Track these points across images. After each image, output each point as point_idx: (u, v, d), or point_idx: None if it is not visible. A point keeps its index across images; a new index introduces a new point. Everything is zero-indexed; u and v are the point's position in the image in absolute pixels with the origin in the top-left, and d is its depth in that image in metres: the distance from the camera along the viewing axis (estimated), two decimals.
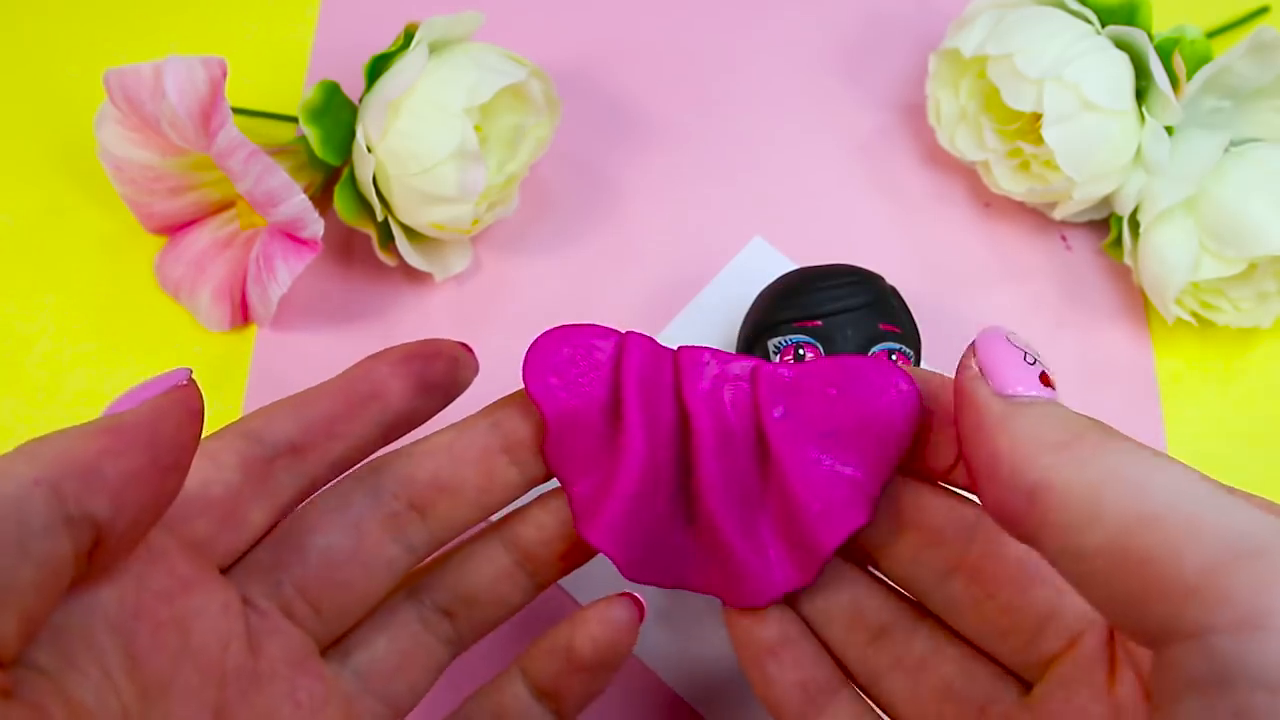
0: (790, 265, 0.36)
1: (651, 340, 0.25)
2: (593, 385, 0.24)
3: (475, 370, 0.26)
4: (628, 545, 0.24)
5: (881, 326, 0.31)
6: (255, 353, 0.35)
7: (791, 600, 0.24)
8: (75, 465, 0.18)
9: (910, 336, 0.32)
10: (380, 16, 0.40)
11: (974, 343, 0.21)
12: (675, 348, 0.25)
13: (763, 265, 0.36)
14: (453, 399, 0.26)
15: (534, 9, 0.41)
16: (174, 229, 0.36)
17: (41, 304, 0.36)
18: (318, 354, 0.35)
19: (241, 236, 0.35)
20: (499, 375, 0.28)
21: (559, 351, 0.25)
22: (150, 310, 0.36)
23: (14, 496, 0.17)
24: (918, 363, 0.32)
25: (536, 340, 0.25)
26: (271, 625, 0.22)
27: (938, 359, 0.35)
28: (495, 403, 0.26)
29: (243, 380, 0.35)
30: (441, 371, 0.25)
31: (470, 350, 0.26)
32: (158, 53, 0.35)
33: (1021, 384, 0.20)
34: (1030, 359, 0.21)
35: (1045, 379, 0.21)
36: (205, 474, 0.22)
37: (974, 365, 0.21)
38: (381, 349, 0.25)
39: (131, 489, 0.18)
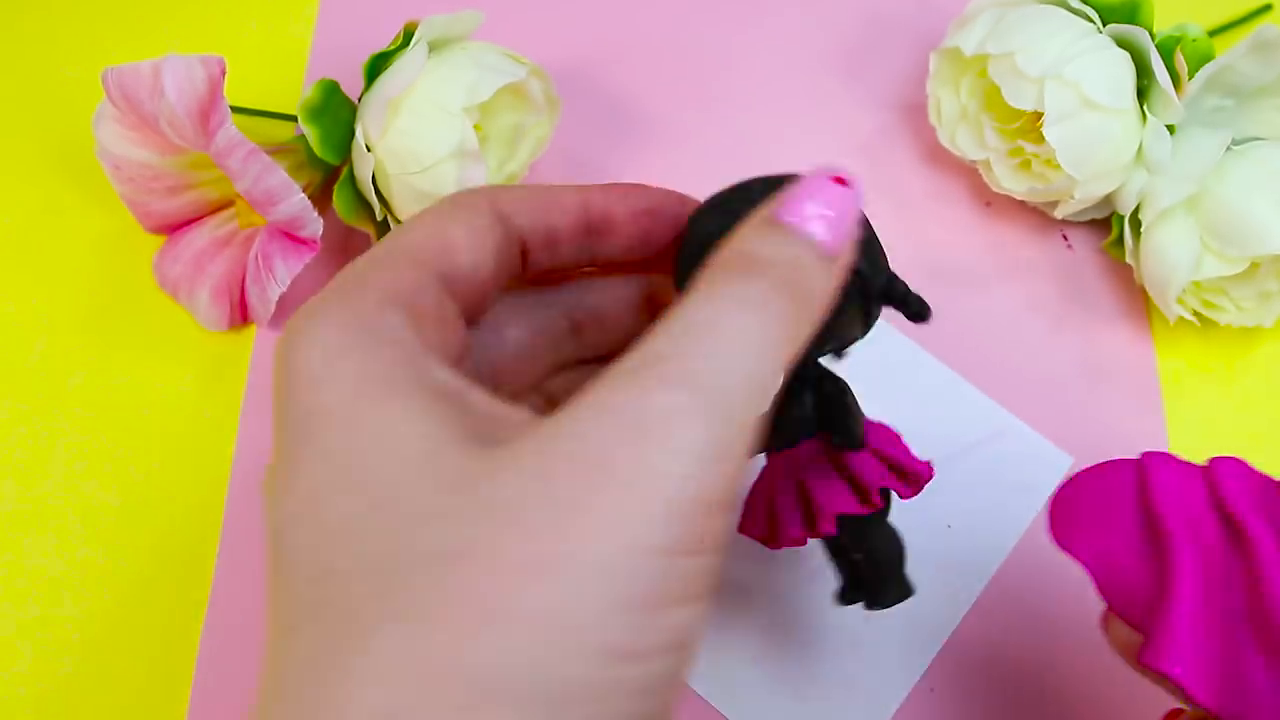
0: None
1: (1170, 457, 0.23)
2: (1122, 518, 0.23)
3: None
4: (1203, 670, 0.21)
5: None
6: (254, 352, 0.35)
7: None
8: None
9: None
10: (379, 15, 0.40)
11: None
12: (1205, 462, 0.23)
13: None
14: (653, 268, 0.25)
15: (534, 8, 0.41)
16: (173, 228, 0.35)
17: (40, 303, 0.36)
18: None
19: (240, 236, 0.35)
20: None
21: (1079, 498, 0.24)
22: (149, 309, 0.36)
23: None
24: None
25: (1057, 494, 0.24)
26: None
27: (942, 359, 0.35)
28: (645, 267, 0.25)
29: (242, 380, 0.35)
30: (665, 238, 0.25)
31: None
32: (157, 51, 0.35)
33: None
34: None
35: None
36: (474, 256, 0.22)
37: None
38: (632, 183, 0.25)
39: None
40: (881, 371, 0.29)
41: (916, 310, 0.24)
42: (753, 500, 0.26)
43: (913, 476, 0.25)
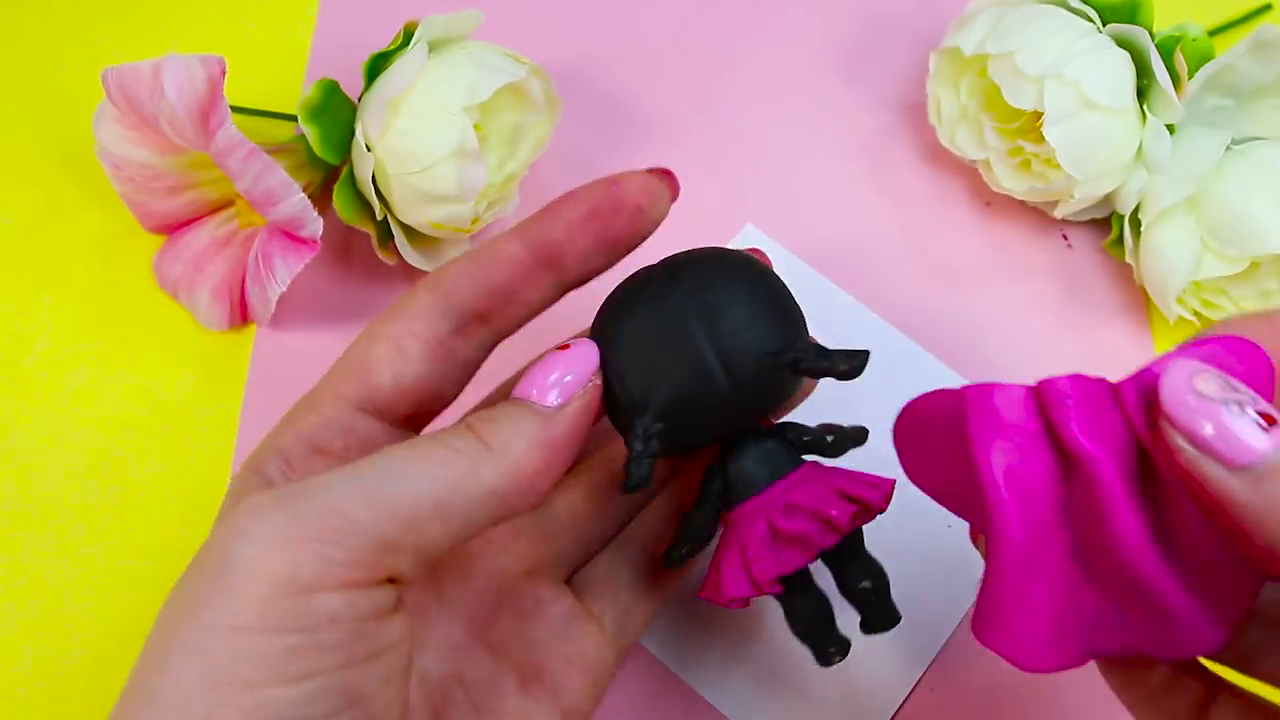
0: (785, 253, 0.36)
1: (994, 387, 0.21)
2: (947, 460, 0.21)
3: (669, 202, 0.25)
4: (1037, 638, 0.20)
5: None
6: (254, 352, 0.35)
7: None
8: (523, 482, 0.22)
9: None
10: (379, 15, 0.40)
11: (1162, 403, 0.18)
12: (1029, 385, 0.21)
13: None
14: (634, 249, 0.25)
15: (534, 8, 0.41)
16: (173, 228, 0.35)
17: (40, 303, 0.36)
18: (317, 353, 0.35)
19: (240, 235, 0.35)
20: (498, 376, 0.28)
21: (911, 430, 0.23)
22: (149, 309, 0.36)
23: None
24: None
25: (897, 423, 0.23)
26: None
27: (942, 359, 0.35)
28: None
29: (242, 379, 0.35)
30: (623, 227, 0.24)
31: (667, 176, 0.25)
32: (157, 51, 0.35)
33: (1252, 444, 0.17)
34: (1236, 400, 0.17)
35: (1269, 417, 0.17)
36: (395, 367, 0.24)
37: (1180, 440, 0.17)
38: (562, 195, 0.25)
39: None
40: (880, 372, 0.29)
41: (844, 369, 0.24)
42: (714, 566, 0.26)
43: (865, 506, 0.24)
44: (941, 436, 0.21)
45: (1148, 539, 0.19)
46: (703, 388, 0.23)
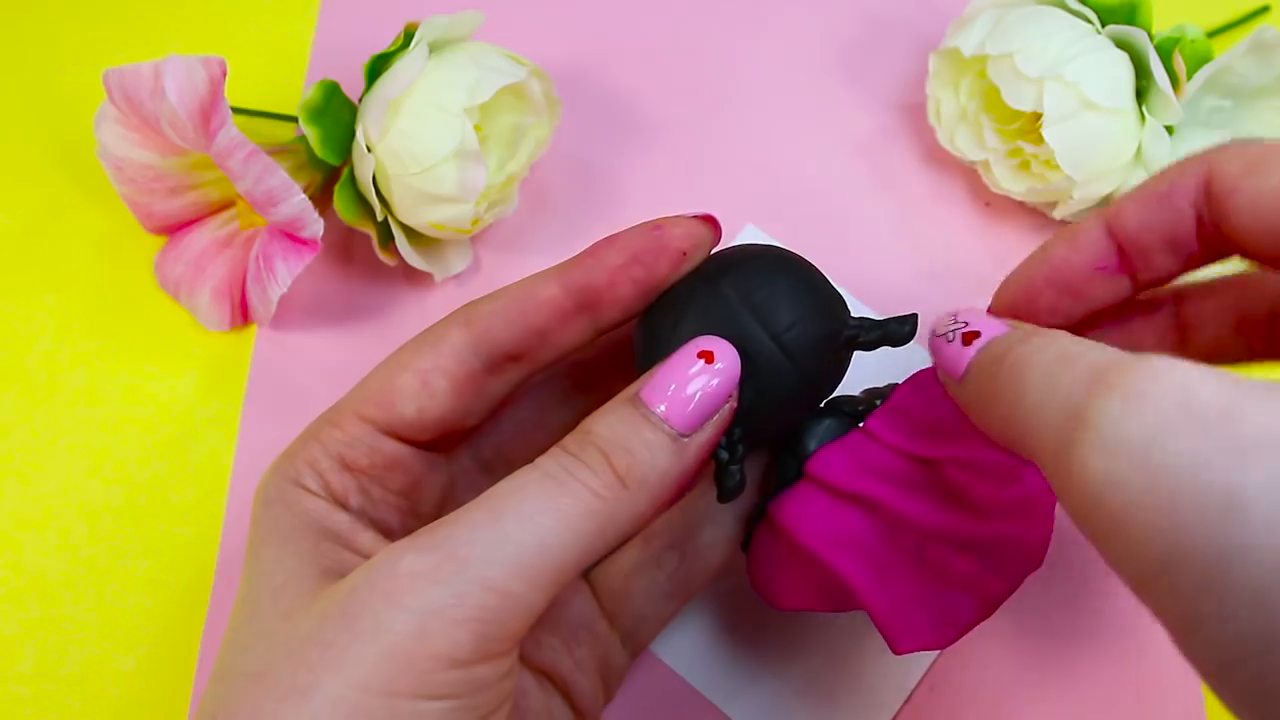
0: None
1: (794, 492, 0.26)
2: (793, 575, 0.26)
3: (711, 247, 0.25)
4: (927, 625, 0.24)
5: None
6: (255, 352, 0.35)
7: None
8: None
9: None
10: (380, 16, 0.40)
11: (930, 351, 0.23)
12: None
13: None
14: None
15: (534, 9, 0.41)
16: (174, 229, 0.36)
17: (41, 304, 0.36)
18: (317, 354, 0.35)
19: (241, 236, 0.35)
20: None
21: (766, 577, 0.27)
22: (150, 310, 0.36)
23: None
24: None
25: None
26: (469, 481, 0.27)
27: None
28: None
29: (242, 380, 0.35)
30: (664, 272, 0.25)
31: (710, 221, 0.25)
32: (158, 52, 0.35)
33: (959, 361, 0.21)
34: (951, 330, 0.22)
35: (968, 336, 0.22)
36: (421, 402, 0.24)
37: (941, 373, 0.22)
38: (604, 240, 0.25)
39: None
40: (879, 372, 0.29)
41: (900, 335, 0.25)
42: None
43: None
44: (786, 563, 0.25)
45: (947, 511, 0.24)
46: (777, 384, 0.24)
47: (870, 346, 0.25)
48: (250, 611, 0.21)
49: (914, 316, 0.25)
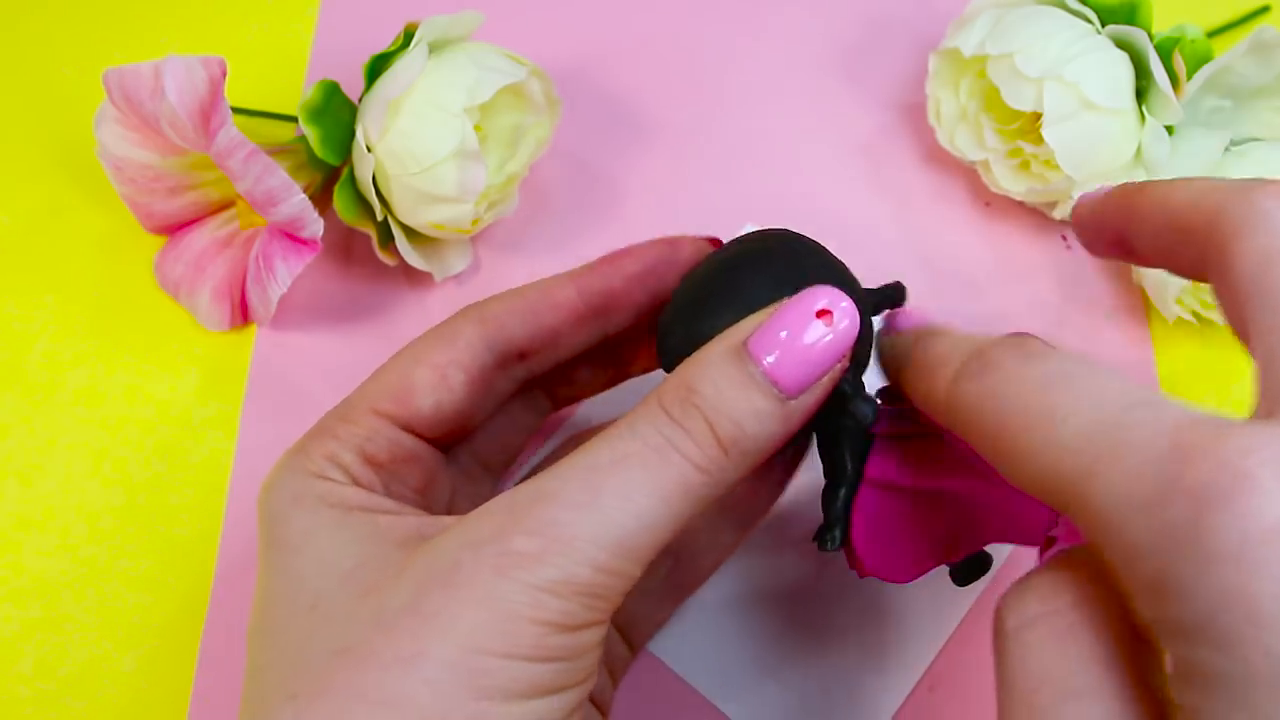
0: None
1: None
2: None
3: None
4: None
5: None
6: (255, 352, 0.35)
7: None
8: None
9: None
10: (380, 16, 0.40)
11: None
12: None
13: None
14: None
15: (534, 9, 0.41)
16: (174, 229, 0.36)
17: (41, 303, 0.36)
18: (317, 354, 0.35)
19: (241, 236, 0.35)
20: None
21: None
22: (150, 310, 0.36)
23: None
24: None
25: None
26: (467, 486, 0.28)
27: None
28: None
29: (242, 380, 0.35)
30: (672, 283, 0.25)
31: (716, 243, 0.26)
32: (157, 52, 0.35)
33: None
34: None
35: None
36: (439, 396, 0.24)
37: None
38: (618, 251, 0.26)
39: None
40: (878, 372, 0.29)
41: (896, 297, 0.25)
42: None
43: None
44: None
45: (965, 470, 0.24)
46: (863, 347, 0.24)
47: (878, 311, 0.25)
48: (307, 600, 0.21)
49: (897, 283, 0.25)
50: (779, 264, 0.24)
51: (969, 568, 0.27)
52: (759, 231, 0.26)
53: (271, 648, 0.21)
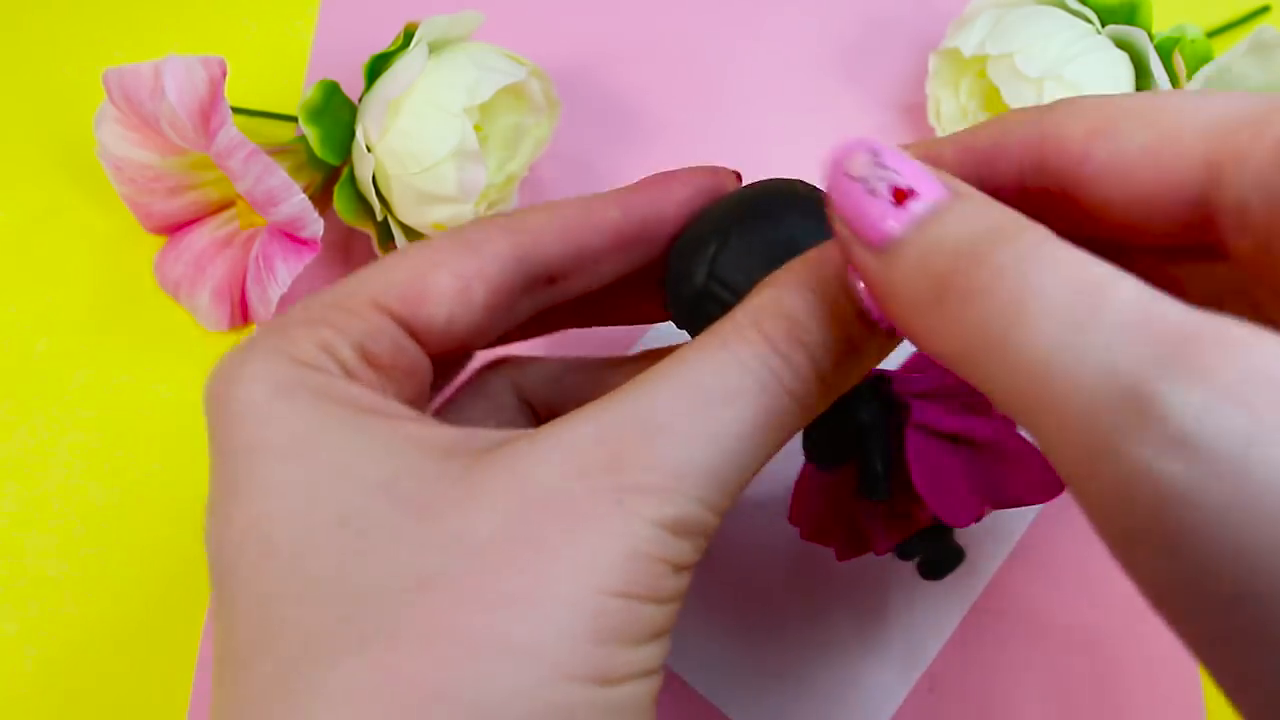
0: None
1: None
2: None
3: None
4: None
5: None
6: None
7: None
8: None
9: None
10: (380, 16, 0.40)
11: (826, 187, 0.19)
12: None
13: None
14: None
15: (534, 9, 0.41)
16: (174, 229, 0.36)
17: (42, 303, 0.36)
18: None
19: (241, 236, 0.35)
20: None
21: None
22: (150, 310, 0.36)
23: None
24: None
25: None
26: None
27: None
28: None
29: None
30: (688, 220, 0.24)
31: (739, 177, 0.25)
32: (157, 52, 0.35)
33: (881, 226, 0.17)
34: (879, 179, 0.18)
35: (900, 194, 0.17)
36: (455, 309, 0.21)
37: (838, 225, 0.18)
38: (662, 174, 0.24)
39: None
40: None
41: None
42: (808, 504, 0.27)
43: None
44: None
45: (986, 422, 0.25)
46: None
47: None
48: (329, 515, 0.17)
49: None
50: (813, 203, 0.23)
51: (939, 562, 0.27)
52: (767, 181, 0.24)
53: (287, 578, 0.17)
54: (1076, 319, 0.14)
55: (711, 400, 0.18)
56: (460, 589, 0.16)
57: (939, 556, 0.27)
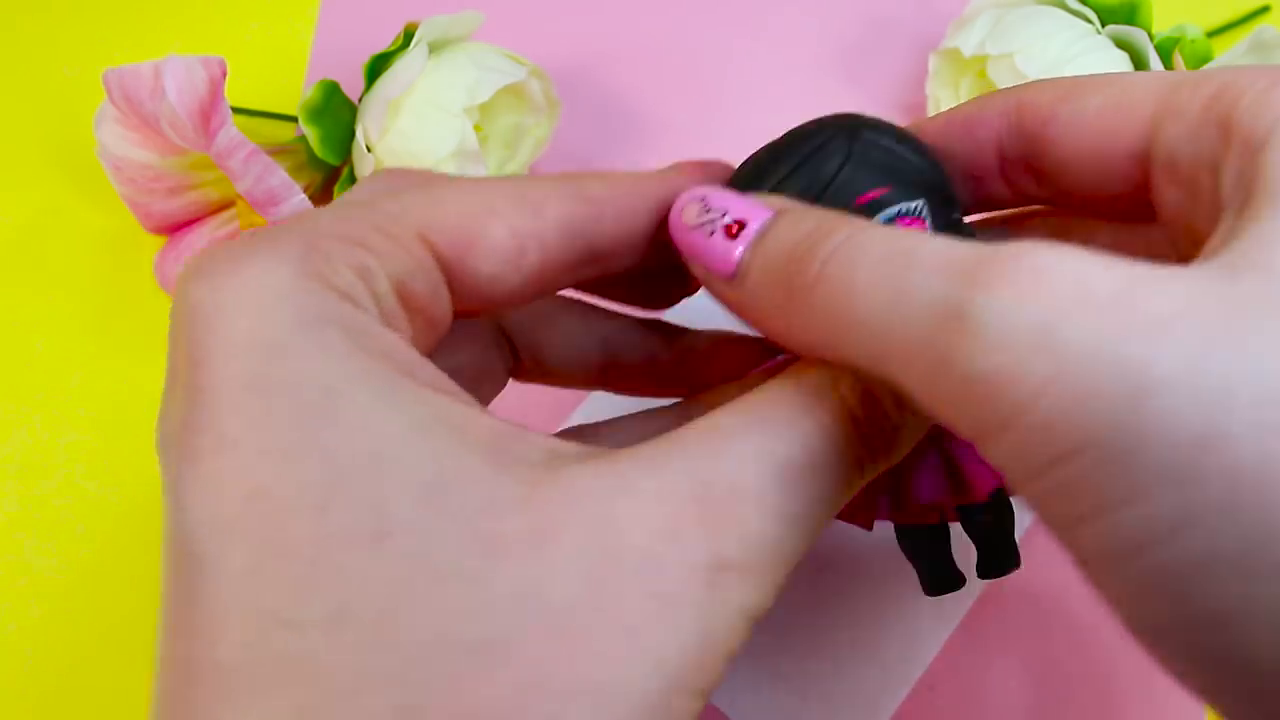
0: None
1: None
2: None
3: None
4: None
5: (858, 201, 0.21)
6: None
7: None
8: None
9: (909, 183, 0.21)
10: (380, 16, 0.40)
11: (671, 237, 0.19)
12: None
13: None
14: None
15: (534, 9, 0.41)
16: (174, 228, 0.36)
17: (41, 303, 0.36)
18: None
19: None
20: None
21: None
22: (150, 310, 0.36)
23: None
24: (945, 206, 0.21)
25: None
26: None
27: None
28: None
29: None
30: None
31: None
32: (157, 52, 0.35)
33: (726, 257, 0.18)
34: (709, 222, 0.19)
35: (733, 227, 0.18)
36: (502, 269, 0.17)
37: (695, 268, 0.19)
38: (697, 160, 0.24)
39: None
40: None
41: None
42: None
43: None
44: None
45: None
46: None
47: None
48: (368, 523, 0.14)
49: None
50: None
51: (942, 580, 0.26)
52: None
53: (307, 597, 0.14)
54: (895, 275, 0.15)
55: (794, 464, 0.17)
56: (525, 663, 0.14)
57: (1001, 540, 0.26)
